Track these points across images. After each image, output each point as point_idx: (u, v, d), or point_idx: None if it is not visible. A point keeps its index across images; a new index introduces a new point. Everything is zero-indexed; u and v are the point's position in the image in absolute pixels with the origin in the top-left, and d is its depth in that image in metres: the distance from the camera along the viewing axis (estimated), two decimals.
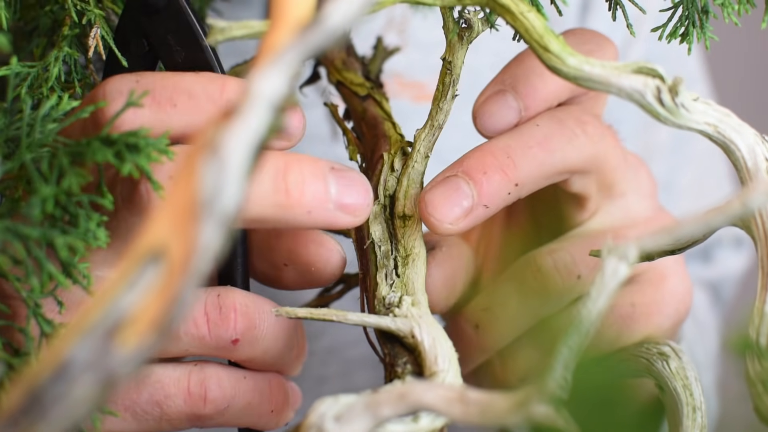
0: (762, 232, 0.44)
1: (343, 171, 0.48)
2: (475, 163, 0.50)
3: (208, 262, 0.30)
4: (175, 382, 0.50)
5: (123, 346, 0.29)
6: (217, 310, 0.49)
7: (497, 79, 0.53)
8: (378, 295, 0.49)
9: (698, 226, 0.40)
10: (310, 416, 0.39)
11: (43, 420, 0.29)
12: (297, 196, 0.46)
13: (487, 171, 0.50)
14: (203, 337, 0.49)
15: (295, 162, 0.47)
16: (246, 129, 0.31)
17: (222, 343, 0.49)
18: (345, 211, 0.47)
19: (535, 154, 0.51)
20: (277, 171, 0.46)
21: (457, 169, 0.51)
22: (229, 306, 0.49)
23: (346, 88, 0.61)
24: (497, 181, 0.50)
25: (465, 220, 0.50)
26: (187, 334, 0.49)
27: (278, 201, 0.46)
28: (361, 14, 0.33)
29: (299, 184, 0.46)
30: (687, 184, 0.95)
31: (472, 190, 0.50)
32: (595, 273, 0.38)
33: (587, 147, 0.53)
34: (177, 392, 0.50)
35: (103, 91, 0.48)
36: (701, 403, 0.50)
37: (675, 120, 0.44)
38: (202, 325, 0.49)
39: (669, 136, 0.94)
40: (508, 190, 0.50)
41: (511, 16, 0.45)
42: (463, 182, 0.50)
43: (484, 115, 0.52)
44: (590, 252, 0.52)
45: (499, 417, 0.36)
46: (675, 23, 0.53)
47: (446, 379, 0.45)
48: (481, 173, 0.50)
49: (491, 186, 0.50)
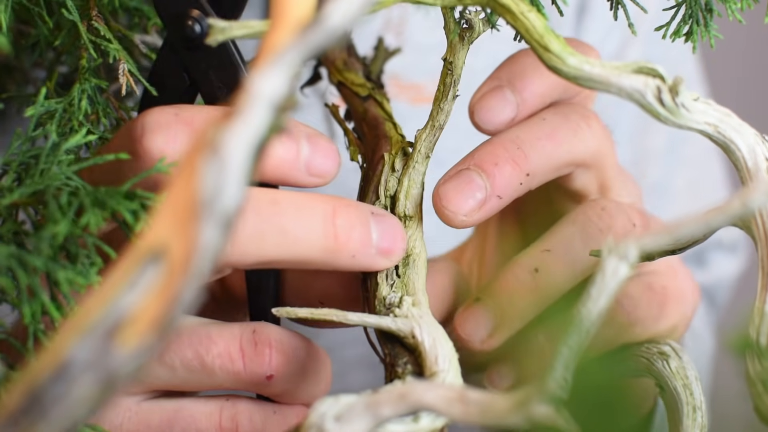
0: (762, 232, 0.44)
1: (383, 216, 0.49)
2: (486, 155, 0.51)
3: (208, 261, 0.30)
4: (207, 416, 0.50)
5: (123, 346, 0.29)
6: (252, 346, 0.49)
7: (493, 76, 0.54)
8: (378, 295, 0.49)
9: (698, 226, 0.40)
10: (310, 416, 0.39)
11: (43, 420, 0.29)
12: (344, 241, 0.47)
13: (499, 162, 0.51)
14: (239, 372, 0.49)
15: (343, 207, 0.48)
16: (246, 129, 0.31)
17: (257, 378, 0.49)
18: (383, 254, 0.48)
19: (543, 145, 0.52)
20: (325, 216, 0.47)
21: (468, 162, 0.51)
22: (265, 342, 0.49)
23: (347, 89, 0.61)
24: (509, 171, 0.51)
25: (479, 212, 0.51)
26: (222, 370, 0.49)
27: (327, 245, 0.47)
28: (362, 14, 0.33)
29: (347, 229, 0.47)
30: (682, 187, 0.95)
31: (485, 181, 0.50)
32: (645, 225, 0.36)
33: (592, 141, 0.54)
34: (209, 427, 0.50)
35: (141, 123, 0.48)
36: (701, 403, 0.50)
37: (675, 120, 0.44)
38: (237, 360, 0.49)
39: (665, 139, 0.94)
40: (519, 181, 0.51)
41: (511, 16, 0.45)
42: (475, 174, 0.51)
43: (482, 109, 0.53)
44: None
45: (499, 417, 0.36)
46: (678, 22, 0.53)
47: (446, 380, 0.45)
48: (493, 165, 0.51)
49: (503, 177, 0.51)
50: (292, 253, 0.46)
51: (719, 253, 0.99)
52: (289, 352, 0.50)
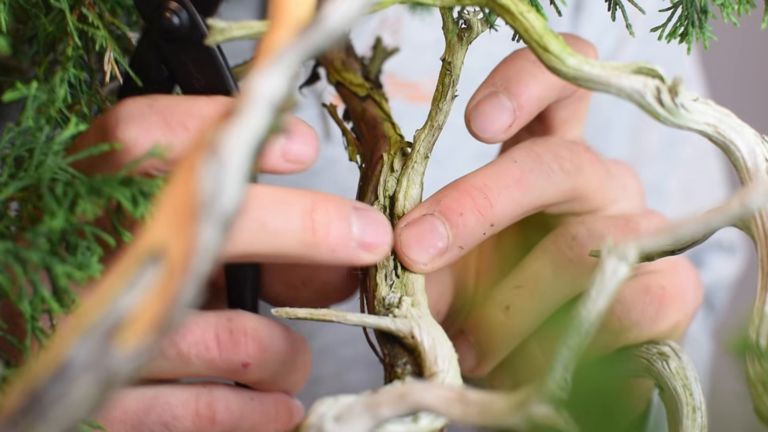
0: (762, 232, 0.44)
1: (365, 210, 0.49)
2: (452, 203, 0.51)
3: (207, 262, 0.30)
4: (183, 403, 0.51)
5: (122, 347, 0.29)
6: (228, 334, 0.49)
7: (488, 82, 0.53)
8: (378, 295, 0.49)
9: (698, 226, 0.40)
10: (309, 416, 0.39)
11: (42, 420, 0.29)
12: (323, 235, 0.47)
13: (464, 212, 0.50)
14: (213, 360, 0.49)
15: (322, 201, 0.48)
16: (245, 129, 0.31)
17: (233, 366, 0.50)
18: (366, 249, 0.48)
19: (511, 193, 0.51)
20: (304, 210, 0.47)
21: (434, 207, 0.51)
22: (240, 330, 0.50)
23: (346, 89, 0.61)
24: (473, 222, 0.50)
25: (439, 260, 0.50)
26: (198, 357, 0.49)
27: (305, 239, 0.47)
28: (361, 14, 0.33)
29: (325, 223, 0.47)
30: (675, 188, 0.95)
31: (448, 231, 0.50)
32: None
33: (565, 182, 0.53)
34: (185, 414, 0.50)
35: (115, 115, 0.48)
36: (701, 403, 0.50)
37: (675, 120, 0.44)
38: (213, 348, 0.49)
39: (659, 139, 0.94)
40: (483, 231, 0.51)
41: (510, 17, 0.45)
42: (439, 223, 0.50)
43: (479, 116, 0.52)
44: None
45: (498, 417, 0.36)
46: (674, 23, 0.53)
47: (446, 380, 0.45)
48: (458, 214, 0.50)
49: (467, 228, 0.50)
50: (271, 247, 0.47)
51: (717, 255, 0.99)
52: (266, 339, 0.50)
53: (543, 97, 0.53)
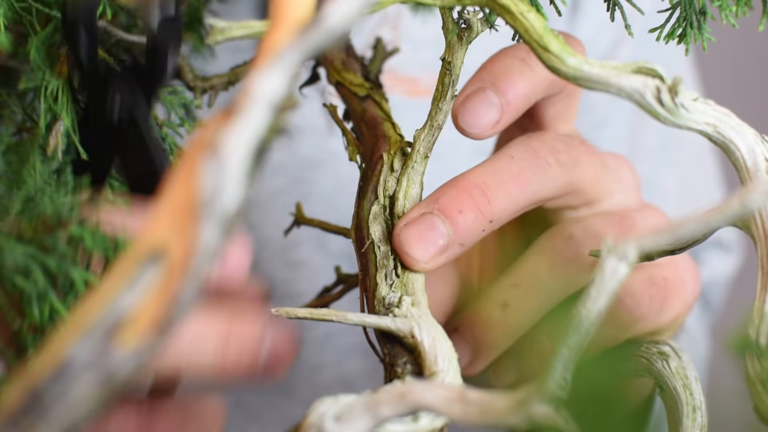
0: (762, 232, 0.44)
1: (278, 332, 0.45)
2: (451, 201, 0.51)
3: (208, 262, 0.30)
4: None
5: (123, 346, 0.29)
6: None
7: (475, 78, 0.53)
8: (378, 295, 0.49)
9: (698, 225, 0.40)
10: (309, 416, 0.39)
11: (43, 420, 0.29)
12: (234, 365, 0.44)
13: (463, 210, 0.50)
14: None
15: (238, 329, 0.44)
16: (246, 129, 0.31)
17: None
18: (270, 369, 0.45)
19: (509, 189, 0.51)
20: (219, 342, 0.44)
21: (432, 206, 0.51)
22: None
23: (346, 89, 0.61)
24: (472, 219, 0.50)
25: (440, 258, 0.50)
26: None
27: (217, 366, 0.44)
28: (361, 14, 0.33)
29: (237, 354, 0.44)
30: (671, 187, 0.95)
31: (448, 229, 0.50)
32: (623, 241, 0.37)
33: (562, 176, 0.53)
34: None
35: None
36: (701, 403, 0.50)
37: (675, 120, 0.44)
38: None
39: (656, 138, 0.94)
40: (482, 228, 0.51)
41: (510, 16, 0.46)
42: (438, 221, 0.50)
43: (466, 112, 0.52)
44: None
45: (498, 417, 0.36)
46: (673, 24, 0.53)
47: (446, 379, 0.45)
48: (457, 212, 0.50)
49: (467, 225, 0.50)
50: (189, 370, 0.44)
51: (714, 252, 0.99)
52: None
53: (530, 93, 0.53)
